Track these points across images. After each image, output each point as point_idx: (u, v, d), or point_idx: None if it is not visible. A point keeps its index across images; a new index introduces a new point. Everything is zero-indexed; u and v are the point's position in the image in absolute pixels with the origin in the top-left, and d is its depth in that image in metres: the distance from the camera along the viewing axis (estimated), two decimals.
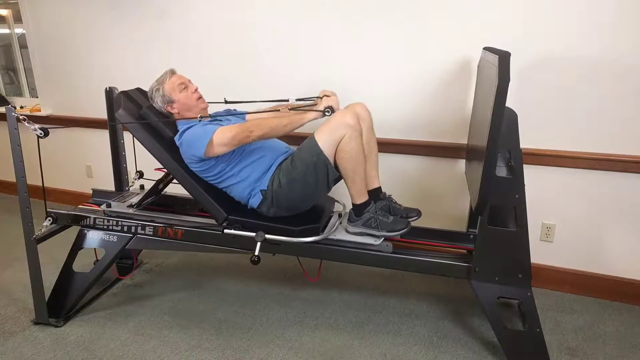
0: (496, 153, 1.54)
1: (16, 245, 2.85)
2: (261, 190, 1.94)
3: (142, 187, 2.47)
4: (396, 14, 2.32)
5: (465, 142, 2.32)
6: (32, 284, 2.07)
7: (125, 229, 2.08)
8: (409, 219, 1.97)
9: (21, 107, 3.62)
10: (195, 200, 2.23)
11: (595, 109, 2.13)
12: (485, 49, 1.93)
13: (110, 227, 2.10)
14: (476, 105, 2.03)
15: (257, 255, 1.84)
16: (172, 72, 2.05)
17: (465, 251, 2.00)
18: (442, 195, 2.48)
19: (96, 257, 2.25)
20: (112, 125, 2.40)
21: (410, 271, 1.98)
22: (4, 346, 1.97)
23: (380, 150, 2.11)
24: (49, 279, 2.22)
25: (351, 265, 2.25)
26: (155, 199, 2.29)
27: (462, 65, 2.28)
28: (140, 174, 2.49)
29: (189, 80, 2.06)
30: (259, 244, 1.86)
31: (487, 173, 1.57)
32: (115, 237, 2.10)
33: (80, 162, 3.44)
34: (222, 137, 1.88)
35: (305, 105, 2.01)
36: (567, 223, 2.31)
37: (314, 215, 2.02)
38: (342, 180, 1.93)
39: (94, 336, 2.03)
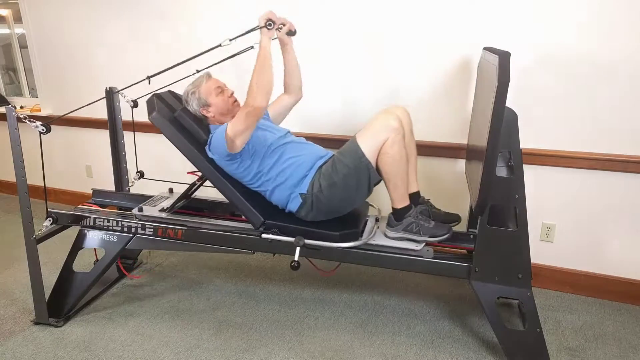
0: (496, 153, 1.54)
1: (16, 245, 2.85)
2: (300, 194, 1.91)
3: (170, 190, 2.41)
4: (395, 14, 2.32)
5: (465, 142, 2.32)
6: (32, 284, 2.07)
7: (126, 229, 2.08)
8: (450, 224, 1.94)
9: (21, 107, 3.63)
10: (226, 204, 2.21)
11: (595, 109, 2.13)
12: (485, 49, 1.93)
13: (111, 227, 2.10)
14: (476, 105, 2.03)
15: (297, 261, 1.81)
16: (209, 76, 2.03)
17: (465, 251, 2.00)
18: (442, 195, 2.48)
19: (96, 257, 2.26)
20: (112, 125, 2.40)
21: (411, 271, 1.98)
22: (4, 346, 1.97)
23: None
24: (49, 279, 2.23)
25: (351, 265, 2.25)
26: (186, 203, 2.25)
27: (462, 65, 2.28)
28: (141, 174, 2.49)
29: (225, 84, 2.04)
30: (298, 249, 1.83)
31: (487, 173, 1.57)
32: (115, 237, 2.10)
33: (80, 162, 3.44)
34: (234, 125, 1.83)
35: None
36: (567, 223, 2.31)
37: (352, 220, 1.98)
38: (378, 184, 1.89)
39: (94, 336, 2.03)
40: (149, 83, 1.99)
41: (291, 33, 1.96)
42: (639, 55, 2.01)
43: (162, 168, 3.09)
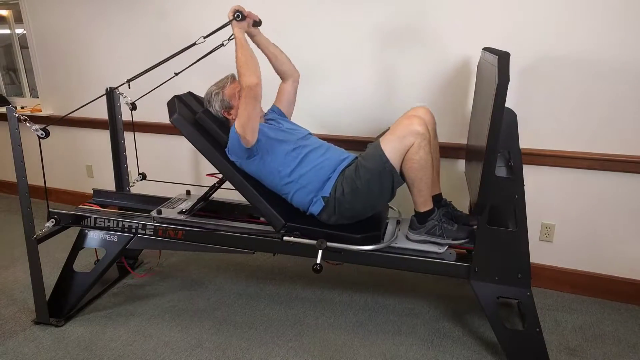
0: (496, 153, 1.54)
1: (17, 245, 2.86)
2: (323, 197, 1.89)
3: (188, 192, 2.40)
4: (395, 14, 2.32)
5: (465, 142, 2.33)
6: (32, 284, 2.08)
7: (126, 229, 2.09)
8: (472, 227, 1.92)
9: (22, 108, 3.63)
10: (244, 206, 2.22)
11: (594, 109, 2.13)
12: (485, 49, 1.93)
13: (111, 227, 2.10)
14: (476, 105, 2.03)
15: (320, 264, 1.79)
16: (234, 78, 2.01)
17: (465, 251, 2.00)
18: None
19: (97, 257, 2.26)
20: (113, 125, 2.41)
21: (411, 271, 1.98)
22: (5, 346, 1.98)
23: None
24: (50, 278, 2.23)
25: (352, 265, 2.25)
26: (204, 205, 2.24)
27: (462, 65, 2.28)
28: (143, 176, 2.49)
29: None
30: (320, 251, 1.81)
31: (487, 173, 1.57)
32: (115, 237, 2.10)
33: (80, 162, 3.45)
34: (239, 117, 1.82)
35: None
36: (567, 223, 2.31)
37: (374, 223, 1.97)
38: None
39: (95, 336, 2.04)
40: (129, 87, 2.00)
41: (256, 24, 1.98)
42: (639, 55, 2.01)
43: (163, 168, 3.09)
